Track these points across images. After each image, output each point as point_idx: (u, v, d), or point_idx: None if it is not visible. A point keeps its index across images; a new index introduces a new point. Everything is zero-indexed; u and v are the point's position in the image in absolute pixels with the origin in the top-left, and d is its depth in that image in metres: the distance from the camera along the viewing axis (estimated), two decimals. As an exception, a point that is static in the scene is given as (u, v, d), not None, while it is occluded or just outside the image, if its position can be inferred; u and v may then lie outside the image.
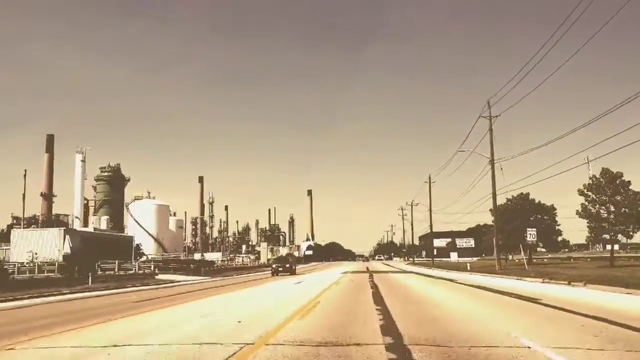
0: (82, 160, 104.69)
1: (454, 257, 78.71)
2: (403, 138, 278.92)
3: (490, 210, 45.74)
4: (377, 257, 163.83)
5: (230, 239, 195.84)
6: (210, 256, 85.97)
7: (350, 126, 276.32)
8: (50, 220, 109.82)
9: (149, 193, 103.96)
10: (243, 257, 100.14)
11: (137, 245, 72.55)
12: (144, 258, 68.18)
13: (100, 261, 44.30)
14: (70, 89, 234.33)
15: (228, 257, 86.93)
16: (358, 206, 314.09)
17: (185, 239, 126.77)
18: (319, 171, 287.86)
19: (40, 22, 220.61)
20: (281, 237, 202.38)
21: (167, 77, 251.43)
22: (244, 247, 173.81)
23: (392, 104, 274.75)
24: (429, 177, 62.90)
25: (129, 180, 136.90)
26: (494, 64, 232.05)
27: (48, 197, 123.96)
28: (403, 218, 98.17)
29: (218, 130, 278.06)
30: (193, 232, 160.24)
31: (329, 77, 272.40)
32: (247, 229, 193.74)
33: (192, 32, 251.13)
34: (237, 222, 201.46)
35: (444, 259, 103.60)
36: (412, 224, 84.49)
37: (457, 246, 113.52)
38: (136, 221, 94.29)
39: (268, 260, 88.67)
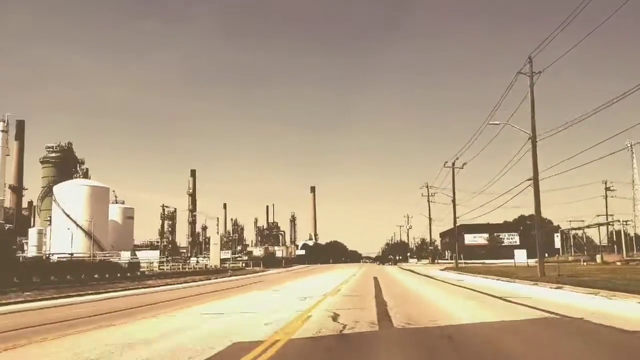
0: (3, 131, 79.14)
1: (520, 257, 48.34)
2: (415, 137, 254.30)
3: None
4: (388, 262, 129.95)
5: (225, 238, 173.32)
6: (145, 256, 59.78)
7: (361, 127, 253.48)
8: (11, 214, 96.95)
9: (85, 170, 78.28)
10: (200, 258, 74.45)
11: (20, 239, 47.66)
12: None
13: None
14: (60, 81, 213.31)
15: (168, 259, 60.84)
16: (366, 207, 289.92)
17: (137, 233, 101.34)
18: (325, 170, 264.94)
19: (41, 19, 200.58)
20: (280, 236, 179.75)
21: (168, 74, 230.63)
22: (239, 247, 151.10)
23: (403, 105, 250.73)
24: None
25: (82, 163, 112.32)
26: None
27: (17, 189, 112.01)
28: (429, 200, 69.55)
29: (221, 129, 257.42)
30: (169, 229, 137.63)
31: (337, 77, 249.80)
32: (240, 227, 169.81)
33: (194, 29, 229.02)
34: (231, 219, 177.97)
35: (487, 261, 76.03)
36: (454, 200, 47.92)
37: (503, 244, 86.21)
38: (60, 207, 67.91)
39: (222, 262, 62.66)
